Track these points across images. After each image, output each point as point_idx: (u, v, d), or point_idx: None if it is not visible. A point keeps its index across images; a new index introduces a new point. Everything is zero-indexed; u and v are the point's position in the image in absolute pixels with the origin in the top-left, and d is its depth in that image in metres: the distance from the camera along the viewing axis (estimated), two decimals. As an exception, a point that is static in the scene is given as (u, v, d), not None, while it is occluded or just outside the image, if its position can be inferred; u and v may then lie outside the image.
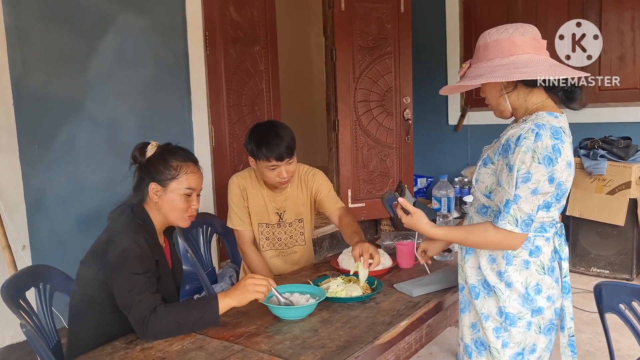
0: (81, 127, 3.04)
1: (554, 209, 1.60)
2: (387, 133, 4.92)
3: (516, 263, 1.63)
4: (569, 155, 1.55)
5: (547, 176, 1.51)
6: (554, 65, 1.56)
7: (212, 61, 3.76)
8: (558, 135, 1.51)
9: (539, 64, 1.54)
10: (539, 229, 1.62)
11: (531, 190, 1.51)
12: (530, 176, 1.49)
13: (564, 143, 1.52)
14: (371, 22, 4.74)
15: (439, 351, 3.07)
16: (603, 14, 4.70)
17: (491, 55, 1.58)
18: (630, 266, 4.09)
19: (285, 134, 2.28)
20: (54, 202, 2.94)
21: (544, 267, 1.63)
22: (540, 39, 1.60)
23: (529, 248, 1.62)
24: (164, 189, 1.81)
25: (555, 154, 1.50)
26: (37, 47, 2.85)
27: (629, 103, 4.66)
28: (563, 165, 1.53)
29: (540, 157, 1.49)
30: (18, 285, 1.80)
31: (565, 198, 1.62)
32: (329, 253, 4.56)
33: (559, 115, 1.58)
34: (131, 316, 1.64)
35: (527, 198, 1.51)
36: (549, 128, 1.51)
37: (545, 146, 1.49)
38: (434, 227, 1.71)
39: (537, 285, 1.64)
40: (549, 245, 1.64)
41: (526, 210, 1.52)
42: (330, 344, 1.55)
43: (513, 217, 1.52)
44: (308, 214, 2.54)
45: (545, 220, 1.62)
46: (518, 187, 1.51)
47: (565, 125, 1.58)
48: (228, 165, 3.92)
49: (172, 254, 1.98)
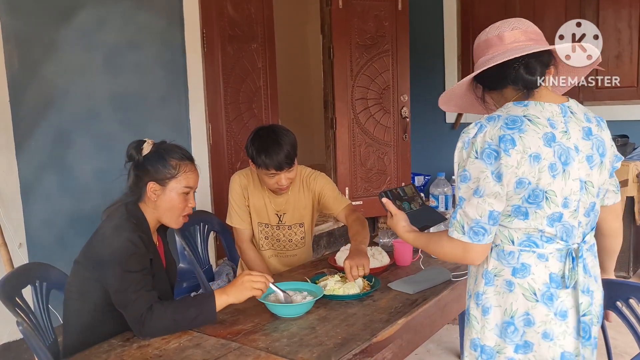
0: (78, 126, 3.04)
1: (536, 217, 1.31)
2: (384, 131, 4.91)
3: (497, 284, 1.37)
4: (534, 146, 1.28)
5: (489, 172, 1.28)
6: (510, 50, 1.37)
7: (209, 58, 3.76)
8: (515, 124, 1.28)
9: (499, 56, 1.37)
10: (525, 242, 1.33)
11: (472, 191, 1.30)
12: (468, 174, 1.31)
13: (523, 133, 1.27)
14: (369, 19, 4.73)
15: (436, 349, 3.08)
16: (600, 12, 4.70)
17: (480, 54, 1.46)
18: (627, 264, 4.10)
19: (286, 142, 2.24)
20: (50, 200, 2.93)
21: (535, 293, 1.33)
22: (536, 31, 1.43)
23: (512, 265, 1.35)
24: (162, 188, 1.80)
25: (504, 145, 1.26)
26: (34, 45, 2.84)
27: (626, 101, 4.67)
28: (520, 159, 1.26)
29: (478, 151, 1.29)
30: (14, 283, 1.80)
31: (561, 203, 1.31)
32: (326, 251, 4.56)
33: (531, 104, 1.34)
34: (127, 314, 1.64)
35: (470, 200, 1.30)
36: (503, 118, 1.30)
37: (489, 138, 1.28)
38: (408, 231, 1.55)
39: (526, 315, 1.34)
40: (544, 265, 1.33)
41: (472, 216, 1.30)
42: (328, 342, 1.55)
43: (459, 224, 1.33)
44: (309, 218, 2.52)
45: (531, 232, 1.32)
46: (459, 188, 1.34)
47: (538, 114, 1.32)
48: (225, 163, 3.92)
49: (166, 253, 1.97)
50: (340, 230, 4.90)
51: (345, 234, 4.88)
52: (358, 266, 1.96)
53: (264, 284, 1.74)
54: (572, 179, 1.32)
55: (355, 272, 1.95)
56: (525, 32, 1.40)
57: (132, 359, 1.50)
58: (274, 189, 2.36)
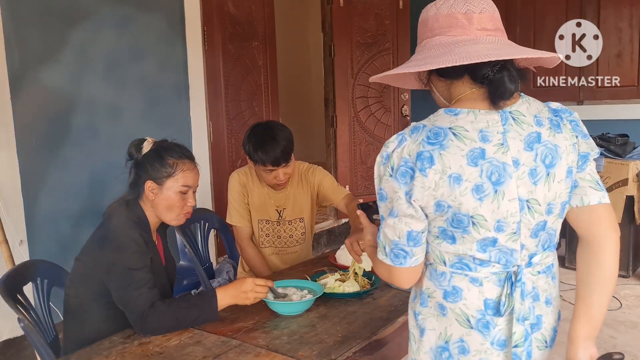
0: (78, 123, 3.04)
1: (464, 242, 1.14)
2: (385, 129, 4.92)
3: (431, 306, 1.23)
4: (455, 166, 1.09)
5: (403, 193, 1.12)
6: (457, 44, 1.13)
7: (210, 57, 3.76)
8: (437, 138, 1.10)
9: (440, 47, 1.15)
10: (456, 264, 1.17)
11: (389, 211, 1.16)
12: (384, 193, 1.16)
13: (444, 149, 1.09)
14: (370, 18, 4.74)
15: (435, 347, 3.08)
16: (601, 11, 4.70)
17: (418, 40, 1.25)
18: (627, 263, 4.10)
19: (282, 138, 2.25)
20: (51, 197, 2.94)
21: (469, 320, 1.18)
22: (470, 14, 1.16)
23: (443, 287, 1.20)
24: (159, 187, 1.79)
25: (421, 162, 1.10)
26: (35, 43, 2.84)
27: (626, 100, 4.67)
28: (439, 180, 1.10)
29: (394, 168, 1.13)
30: (15, 280, 1.80)
31: (493, 227, 1.12)
32: (326, 249, 4.57)
33: (464, 111, 1.13)
34: (129, 311, 1.64)
35: (387, 221, 1.17)
36: (426, 131, 1.12)
37: (406, 154, 1.12)
38: (369, 245, 1.39)
39: (460, 342, 1.20)
40: (478, 290, 1.17)
41: (390, 237, 1.17)
42: (328, 340, 1.56)
43: (382, 245, 1.20)
44: (309, 212, 2.54)
45: (463, 255, 1.16)
46: (380, 207, 1.20)
47: (467, 126, 1.12)
48: (226, 161, 3.92)
49: (165, 251, 1.97)
50: (341, 229, 4.91)
51: (345, 231, 4.88)
52: (358, 241, 1.94)
53: (266, 292, 1.76)
54: (507, 199, 1.12)
55: (356, 247, 1.95)
56: (492, 17, 1.19)
57: (133, 355, 1.50)
58: (273, 185, 2.37)
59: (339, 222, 4.91)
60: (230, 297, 1.71)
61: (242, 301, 1.73)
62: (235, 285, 1.75)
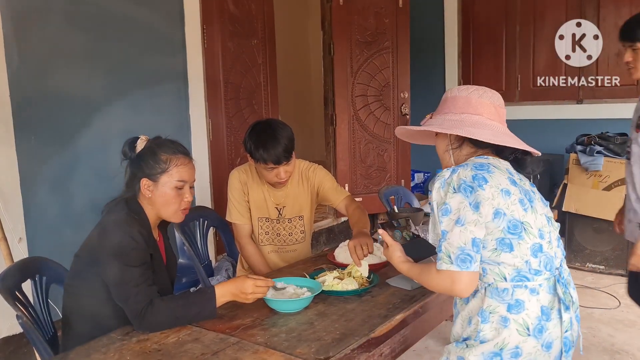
0: (77, 120, 3.04)
1: (520, 248, 1.40)
2: (384, 128, 4.92)
3: (493, 320, 1.43)
4: (503, 183, 1.43)
5: (467, 203, 1.40)
6: (502, 133, 1.52)
7: (209, 54, 3.76)
8: (483, 168, 1.44)
9: (486, 127, 1.51)
10: (515, 277, 1.41)
11: (454, 222, 1.40)
12: (449, 207, 1.42)
13: (491, 173, 1.43)
14: (369, 16, 4.73)
15: (434, 344, 3.09)
16: (601, 10, 4.70)
17: (447, 109, 1.57)
18: (625, 262, 4.10)
19: (283, 136, 2.26)
20: (50, 194, 2.93)
21: (528, 328, 1.41)
22: (499, 107, 1.55)
23: (507, 302, 1.41)
24: (154, 184, 1.79)
25: (477, 181, 1.40)
26: (34, 39, 2.84)
27: (626, 99, 4.66)
28: (494, 192, 1.40)
29: (456, 187, 1.42)
30: (14, 277, 1.80)
31: (537, 234, 1.43)
32: (325, 247, 4.57)
33: (492, 157, 1.52)
34: (127, 308, 1.64)
35: (453, 230, 1.40)
36: (471, 164, 1.46)
37: (463, 177, 1.42)
38: (403, 261, 1.66)
39: (515, 349, 1.41)
40: (536, 299, 1.42)
41: (456, 244, 1.39)
42: (326, 337, 1.56)
43: (446, 254, 1.40)
44: (308, 211, 2.54)
45: (519, 266, 1.41)
46: (441, 222, 1.43)
47: (499, 164, 1.50)
48: (225, 159, 3.92)
49: (167, 249, 1.97)
50: (340, 227, 4.91)
51: (344, 230, 4.89)
52: (362, 245, 1.99)
53: (265, 292, 1.76)
54: (539, 213, 1.47)
55: (360, 250, 1.98)
56: (494, 106, 1.55)
57: (131, 353, 1.50)
58: (273, 183, 2.37)
59: (338, 220, 4.91)
60: (229, 295, 1.72)
61: (241, 300, 1.74)
62: (235, 284, 1.74)
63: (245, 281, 1.74)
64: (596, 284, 3.93)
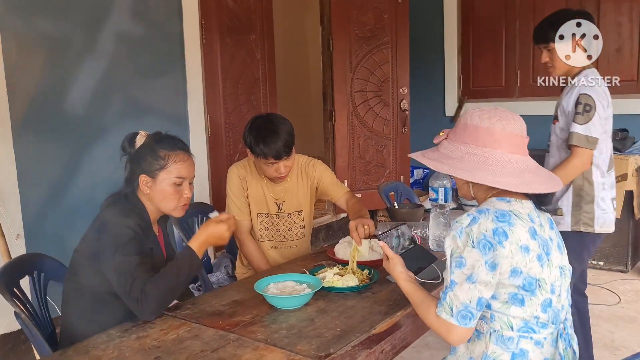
0: (75, 116, 3.02)
1: (531, 304, 1.39)
2: (383, 124, 4.90)
3: None
4: (523, 238, 1.36)
5: (483, 262, 1.34)
6: (526, 171, 1.43)
7: (208, 50, 3.74)
8: (504, 218, 1.37)
9: (509, 165, 1.42)
10: (523, 328, 1.40)
11: (466, 277, 1.36)
12: (464, 261, 1.37)
13: (512, 226, 1.36)
14: (368, 11, 4.71)
15: (434, 341, 3.08)
16: (601, 5, 4.68)
17: (467, 140, 1.47)
18: (626, 258, 4.11)
19: (283, 131, 2.26)
20: (48, 190, 2.92)
21: None
22: (522, 137, 1.46)
23: (511, 351, 1.41)
24: (153, 180, 1.79)
25: (498, 237, 1.34)
26: (31, 35, 2.82)
27: (626, 95, 4.65)
28: (513, 250, 1.35)
29: (475, 241, 1.36)
30: (12, 273, 1.80)
31: (549, 290, 1.41)
32: (325, 244, 4.56)
33: (513, 200, 1.44)
34: (128, 299, 1.64)
35: (462, 285, 1.37)
36: (492, 212, 1.38)
37: (483, 230, 1.35)
38: (406, 279, 1.63)
39: None
40: (540, 351, 1.42)
41: (462, 300, 1.37)
42: (327, 334, 1.55)
43: (448, 305, 1.39)
44: (308, 206, 2.53)
45: (528, 319, 1.40)
46: (452, 273, 1.39)
47: (520, 209, 1.42)
48: (224, 155, 3.91)
49: (166, 244, 1.97)
50: (339, 223, 4.90)
51: (343, 226, 4.88)
52: (363, 225, 2.03)
53: (230, 228, 1.81)
54: (554, 266, 1.43)
55: (361, 229, 2.02)
56: (517, 136, 1.46)
57: (130, 349, 1.49)
58: (273, 177, 2.36)
59: (337, 217, 4.90)
60: (205, 244, 1.78)
61: (218, 242, 1.80)
62: (205, 231, 1.79)
63: (209, 224, 1.80)
64: (596, 281, 3.92)
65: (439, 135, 1.58)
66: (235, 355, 1.44)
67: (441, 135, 1.58)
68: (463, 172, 1.44)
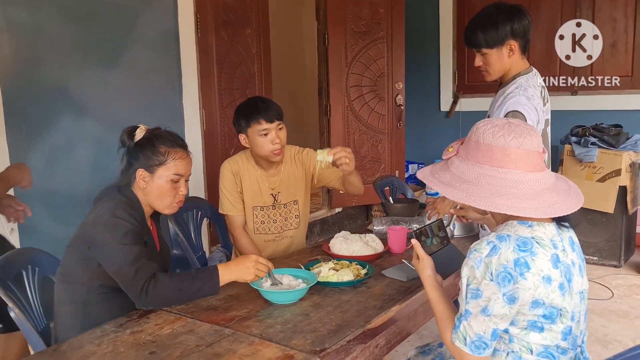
0: (69, 110, 3.00)
1: (551, 332, 1.36)
2: (379, 118, 4.90)
3: None
4: (545, 268, 1.31)
5: (501, 295, 1.29)
6: (544, 190, 1.36)
7: (203, 44, 3.72)
8: (526, 247, 1.31)
9: (528, 185, 1.35)
10: (542, 353, 1.37)
11: (481, 309, 1.32)
12: (480, 293, 1.32)
13: (535, 255, 1.30)
14: (364, 6, 4.70)
15: (429, 336, 3.09)
16: (596, 0, 4.69)
17: (481, 159, 1.38)
18: (619, 253, 4.13)
19: (271, 101, 2.39)
20: (42, 185, 2.90)
21: None
22: (539, 151, 1.38)
23: None
24: (151, 175, 1.79)
25: (519, 269, 1.28)
26: (25, 30, 2.80)
27: (620, 91, 4.67)
28: (536, 281, 1.29)
29: (493, 273, 1.29)
30: (6, 268, 1.79)
31: (570, 318, 1.36)
32: (320, 238, 4.57)
33: (535, 224, 1.36)
34: (130, 287, 1.65)
35: (477, 316, 1.33)
36: (513, 240, 1.32)
37: (504, 261, 1.29)
38: (433, 286, 1.55)
39: None
40: None
41: (476, 330, 1.33)
42: (322, 328, 1.55)
43: (462, 335, 1.36)
44: (302, 195, 2.54)
45: (548, 344, 1.37)
46: (468, 303, 1.34)
47: (543, 235, 1.35)
48: (219, 150, 3.90)
49: (160, 238, 1.97)
50: (334, 218, 4.91)
51: (338, 221, 4.89)
52: (346, 151, 2.19)
53: (266, 272, 1.79)
54: (575, 293, 1.38)
55: (342, 152, 2.18)
56: (533, 153, 1.38)
57: (125, 344, 1.49)
58: (269, 153, 2.36)
59: (332, 211, 4.90)
60: (231, 273, 1.75)
61: (243, 276, 1.75)
62: (237, 262, 1.77)
63: (247, 256, 1.78)
64: (590, 275, 3.92)
65: (448, 151, 1.49)
66: (231, 350, 1.44)
67: (450, 151, 1.49)
68: (480, 199, 1.35)
